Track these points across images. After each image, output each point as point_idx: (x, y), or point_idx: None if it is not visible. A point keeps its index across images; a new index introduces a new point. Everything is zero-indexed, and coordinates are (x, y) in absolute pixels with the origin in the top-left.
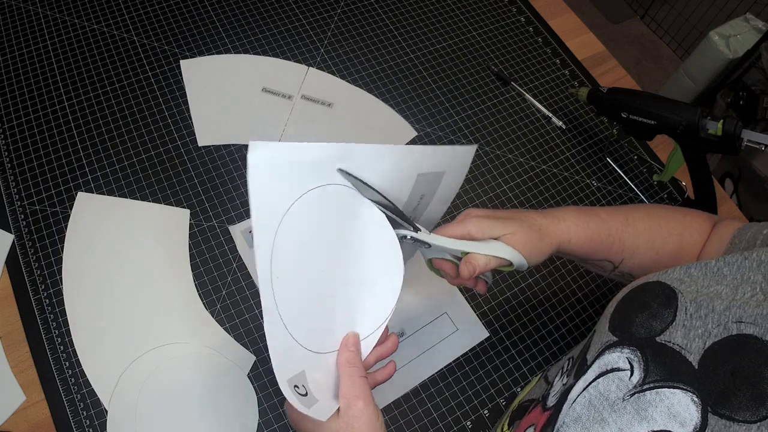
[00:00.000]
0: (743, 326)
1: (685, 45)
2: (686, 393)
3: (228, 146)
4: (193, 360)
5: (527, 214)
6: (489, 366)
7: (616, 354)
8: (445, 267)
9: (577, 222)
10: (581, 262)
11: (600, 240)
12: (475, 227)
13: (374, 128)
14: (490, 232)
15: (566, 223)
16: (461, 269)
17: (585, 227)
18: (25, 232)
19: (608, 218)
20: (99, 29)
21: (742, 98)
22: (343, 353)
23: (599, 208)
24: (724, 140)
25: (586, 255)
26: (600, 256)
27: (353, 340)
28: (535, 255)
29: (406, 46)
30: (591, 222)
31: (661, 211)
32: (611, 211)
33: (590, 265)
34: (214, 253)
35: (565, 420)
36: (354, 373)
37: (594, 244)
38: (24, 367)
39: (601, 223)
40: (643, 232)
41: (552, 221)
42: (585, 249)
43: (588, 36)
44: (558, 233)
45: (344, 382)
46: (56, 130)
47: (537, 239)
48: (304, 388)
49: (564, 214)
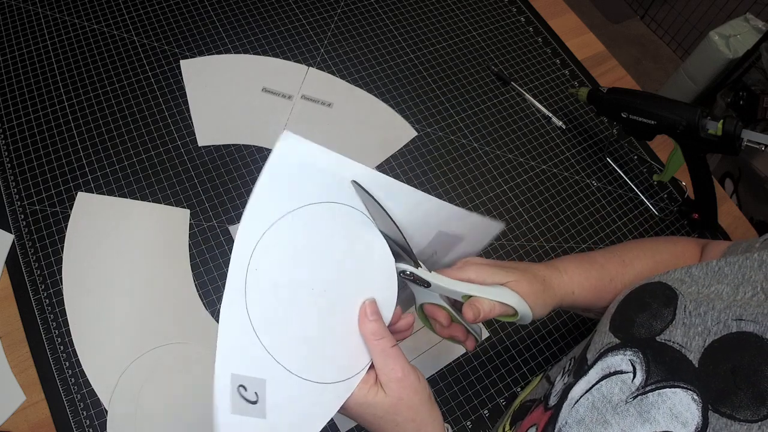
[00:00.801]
0: (743, 324)
1: (685, 45)
2: (687, 392)
3: (228, 146)
4: (193, 360)
5: (529, 264)
6: (489, 366)
7: (618, 356)
8: (438, 315)
9: (578, 272)
10: (584, 312)
11: (602, 286)
12: (476, 274)
13: (374, 128)
14: (492, 279)
15: (568, 275)
16: (465, 311)
17: (587, 276)
18: (25, 232)
19: (606, 263)
20: (99, 29)
21: (742, 98)
22: (366, 324)
23: (595, 253)
24: (724, 140)
25: (589, 305)
26: (603, 304)
27: (371, 308)
28: (540, 306)
29: (406, 46)
30: (592, 270)
31: (651, 244)
32: (607, 255)
33: (593, 313)
34: (214, 253)
35: (567, 420)
36: (383, 345)
37: (598, 292)
38: (24, 367)
39: (601, 270)
40: (642, 270)
41: (554, 273)
42: (589, 299)
43: (588, 36)
44: (561, 285)
45: (377, 357)
46: (56, 130)
47: (541, 290)
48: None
49: (564, 265)
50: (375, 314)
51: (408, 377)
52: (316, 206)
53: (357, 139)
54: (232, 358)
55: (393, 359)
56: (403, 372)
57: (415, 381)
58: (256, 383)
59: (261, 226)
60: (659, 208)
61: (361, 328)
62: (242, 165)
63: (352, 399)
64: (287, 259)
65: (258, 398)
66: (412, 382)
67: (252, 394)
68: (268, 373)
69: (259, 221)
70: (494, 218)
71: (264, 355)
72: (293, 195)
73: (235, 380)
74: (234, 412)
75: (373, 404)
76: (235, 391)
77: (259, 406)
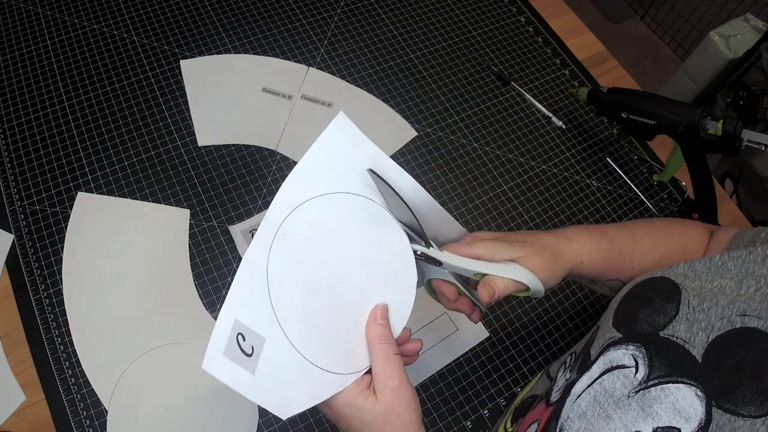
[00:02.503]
0: (747, 319)
1: (685, 45)
2: (690, 387)
3: (228, 146)
4: (193, 360)
5: (537, 236)
6: (489, 366)
7: (620, 351)
8: (446, 290)
9: (589, 242)
10: (589, 283)
11: (611, 258)
12: (484, 250)
13: (374, 128)
14: (502, 255)
15: (578, 243)
16: (480, 292)
17: (597, 247)
18: (25, 232)
19: (617, 236)
20: (99, 29)
21: (742, 98)
22: (374, 327)
23: (606, 226)
24: (724, 140)
25: (597, 276)
26: (610, 276)
27: (381, 312)
28: (551, 279)
29: (406, 46)
30: (602, 242)
31: (663, 224)
32: (618, 229)
33: (598, 286)
34: (214, 253)
35: (569, 415)
36: (387, 350)
37: (606, 264)
38: (24, 367)
39: (611, 242)
40: (651, 248)
41: (564, 242)
42: (597, 270)
43: (588, 36)
44: (571, 255)
45: (378, 361)
46: (56, 130)
47: (551, 262)
48: (252, 350)
49: (575, 235)
50: (384, 319)
51: (404, 389)
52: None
53: None
54: (241, 306)
55: (393, 367)
56: (401, 382)
57: (409, 395)
58: (255, 338)
59: (300, 196)
60: (659, 208)
61: (368, 330)
62: (242, 165)
63: (342, 398)
64: (316, 236)
65: (253, 353)
66: (407, 395)
67: (248, 347)
68: (270, 334)
69: (298, 191)
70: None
71: (271, 316)
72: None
73: (237, 327)
74: (226, 354)
75: (362, 408)
76: (234, 337)
77: (251, 361)
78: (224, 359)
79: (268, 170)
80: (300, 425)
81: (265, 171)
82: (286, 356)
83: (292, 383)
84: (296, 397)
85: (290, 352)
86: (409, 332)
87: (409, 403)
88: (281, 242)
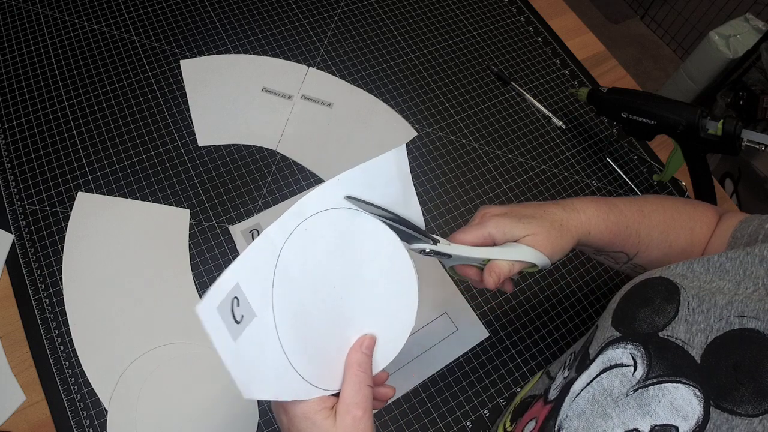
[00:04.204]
0: (745, 320)
1: (685, 45)
2: (689, 387)
3: (228, 146)
4: (193, 360)
5: (546, 208)
6: (489, 366)
7: (619, 350)
8: (470, 273)
9: (597, 213)
10: (595, 253)
11: (618, 231)
12: (496, 228)
13: (374, 128)
14: (512, 233)
15: (586, 214)
16: (485, 278)
17: (605, 218)
18: (25, 232)
19: (625, 209)
20: (99, 29)
21: (742, 98)
22: (356, 354)
23: (615, 199)
24: (724, 140)
25: (603, 246)
26: (616, 248)
27: (369, 342)
28: (558, 252)
29: (406, 46)
30: (611, 213)
31: (672, 203)
32: (627, 202)
33: (603, 256)
34: (214, 253)
35: (568, 414)
36: (362, 379)
37: (613, 236)
38: (24, 367)
39: (619, 215)
40: (658, 224)
41: (572, 214)
42: (604, 241)
43: (588, 36)
44: (579, 226)
45: (349, 386)
46: (56, 130)
47: (558, 237)
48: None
49: (583, 206)
50: (369, 350)
51: (365, 421)
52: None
53: (357, 139)
54: (246, 273)
55: (362, 396)
56: (364, 413)
57: (369, 428)
58: (247, 311)
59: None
60: None
61: (350, 354)
62: (242, 165)
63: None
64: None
65: (241, 323)
66: (366, 428)
67: (239, 314)
68: (261, 314)
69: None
70: None
71: (268, 299)
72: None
73: (236, 290)
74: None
75: (318, 426)
76: (230, 297)
77: (237, 329)
78: (216, 313)
79: (268, 170)
80: None
81: (265, 171)
82: (269, 342)
83: (264, 370)
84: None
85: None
86: (387, 376)
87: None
88: (301, 235)
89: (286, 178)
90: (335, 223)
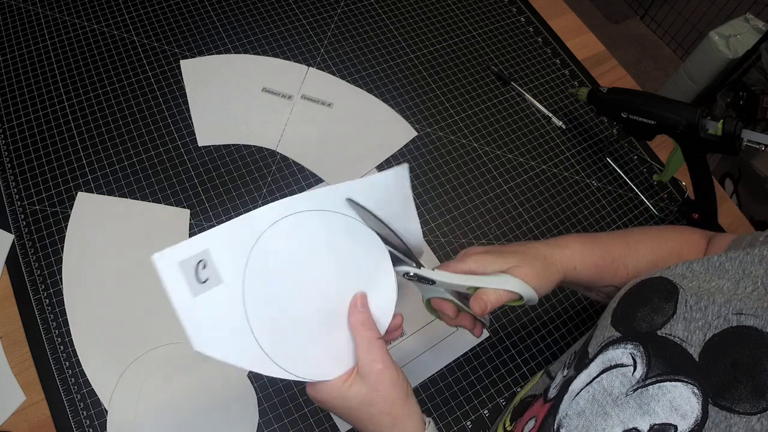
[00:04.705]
0: (743, 318)
1: (685, 45)
2: (687, 385)
3: (228, 146)
4: (192, 360)
5: (528, 245)
6: (489, 366)
7: (619, 350)
8: (445, 308)
9: (581, 248)
10: (585, 291)
11: (605, 265)
12: (476, 264)
13: (374, 128)
14: (492, 267)
15: (570, 249)
16: (472, 306)
17: (590, 253)
18: (25, 232)
19: (610, 242)
20: (99, 29)
21: (742, 98)
22: (355, 314)
23: (599, 234)
24: (724, 140)
25: (591, 282)
26: (605, 282)
27: (361, 300)
28: (544, 286)
29: (406, 46)
30: (595, 247)
31: (657, 231)
32: (611, 236)
33: (594, 292)
34: None
35: (567, 412)
36: (370, 336)
37: (599, 270)
38: (24, 367)
39: (604, 248)
40: (645, 254)
41: (555, 249)
42: (591, 275)
43: (588, 36)
44: (563, 260)
45: (361, 347)
46: (56, 130)
47: (543, 269)
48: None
49: (567, 242)
50: (364, 306)
51: (388, 369)
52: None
53: (357, 139)
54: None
55: (376, 350)
56: (384, 364)
57: (394, 374)
58: (214, 276)
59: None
60: (659, 208)
61: (350, 318)
62: (242, 165)
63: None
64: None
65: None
66: (392, 375)
67: (204, 276)
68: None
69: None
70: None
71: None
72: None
73: (204, 254)
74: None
75: (348, 396)
76: (196, 259)
77: (198, 288)
78: (176, 267)
79: (268, 170)
80: (300, 425)
81: (265, 171)
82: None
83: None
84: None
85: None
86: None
87: (394, 383)
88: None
89: (286, 178)
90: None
